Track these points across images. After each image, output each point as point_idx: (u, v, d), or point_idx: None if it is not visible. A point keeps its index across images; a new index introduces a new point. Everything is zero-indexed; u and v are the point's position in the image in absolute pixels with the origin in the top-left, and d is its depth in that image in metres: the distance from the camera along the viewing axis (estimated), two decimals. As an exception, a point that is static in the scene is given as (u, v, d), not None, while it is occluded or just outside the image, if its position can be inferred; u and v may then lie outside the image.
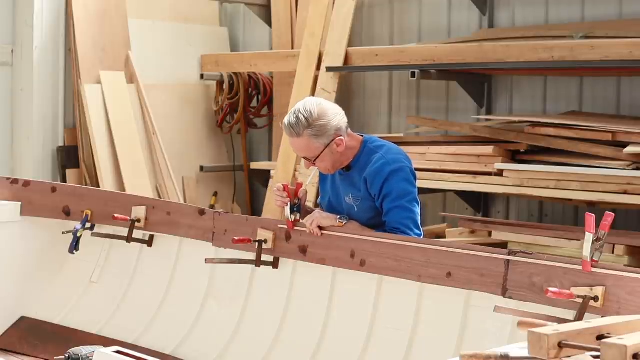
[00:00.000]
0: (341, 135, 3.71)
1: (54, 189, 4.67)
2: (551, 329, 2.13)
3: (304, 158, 3.79)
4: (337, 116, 3.72)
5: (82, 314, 4.52)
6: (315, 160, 3.73)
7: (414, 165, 3.86)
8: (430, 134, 6.31)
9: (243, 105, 7.26)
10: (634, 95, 5.57)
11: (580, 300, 2.97)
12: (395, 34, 6.71)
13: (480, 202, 6.23)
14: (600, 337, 2.18)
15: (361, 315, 3.70)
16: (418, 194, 3.79)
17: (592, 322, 2.28)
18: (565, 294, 2.98)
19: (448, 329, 3.44)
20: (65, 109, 6.85)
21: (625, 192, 4.85)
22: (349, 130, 3.79)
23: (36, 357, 4.38)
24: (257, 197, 7.46)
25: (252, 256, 3.98)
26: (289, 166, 6.39)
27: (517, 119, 5.57)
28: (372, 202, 3.76)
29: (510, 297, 3.23)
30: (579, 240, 4.77)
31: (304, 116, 3.65)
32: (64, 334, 4.44)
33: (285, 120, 3.70)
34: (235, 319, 4.08)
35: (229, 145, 7.56)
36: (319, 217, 3.80)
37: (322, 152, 3.69)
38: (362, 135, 3.88)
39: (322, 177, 4.04)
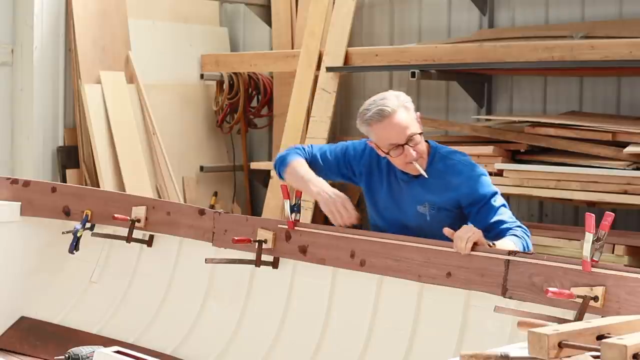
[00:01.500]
0: (418, 115, 3.59)
1: (54, 189, 4.67)
2: (551, 329, 2.13)
3: (409, 141, 3.50)
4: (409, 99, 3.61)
5: (82, 314, 4.52)
6: (419, 141, 3.49)
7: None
8: (430, 134, 6.30)
9: (243, 105, 7.26)
10: (634, 95, 5.57)
11: (580, 300, 2.98)
12: (395, 34, 6.71)
13: (480, 202, 6.22)
14: (600, 337, 2.18)
15: (361, 315, 3.70)
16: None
17: (592, 322, 2.28)
18: (565, 294, 2.99)
19: (448, 329, 3.44)
20: (65, 109, 6.85)
21: (625, 192, 4.84)
22: None
23: (36, 357, 4.38)
24: (257, 197, 7.45)
25: (252, 256, 3.99)
26: (289, 166, 6.39)
27: (517, 119, 5.56)
28: (449, 212, 3.60)
29: (510, 297, 3.23)
30: (579, 240, 4.77)
31: (385, 95, 3.54)
32: (64, 334, 4.44)
33: (368, 110, 3.53)
34: (235, 319, 4.08)
35: (229, 145, 7.55)
36: (477, 233, 3.33)
37: (419, 127, 3.52)
38: (428, 142, 3.69)
39: (367, 185, 3.83)
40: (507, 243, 3.38)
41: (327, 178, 3.91)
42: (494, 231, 3.49)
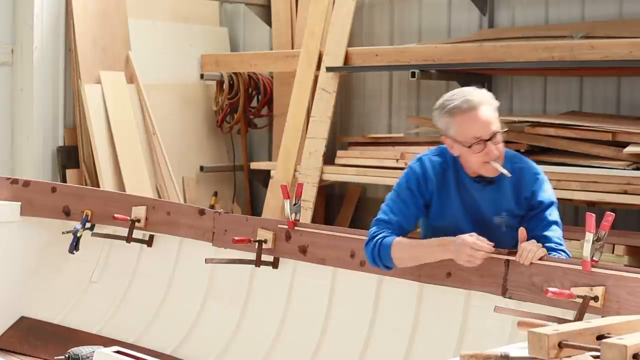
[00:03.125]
0: None
1: (54, 189, 4.67)
2: (551, 329, 2.13)
3: (493, 138, 3.29)
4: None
5: (82, 314, 4.52)
6: (499, 142, 3.30)
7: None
8: (430, 134, 6.30)
9: (243, 105, 7.26)
10: (634, 95, 5.57)
11: (580, 300, 2.98)
12: (395, 34, 6.70)
13: (480, 202, 6.22)
14: (600, 337, 2.18)
15: (361, 315, 3.70)
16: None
17: (592, 322, 2.28)
18: (565, 294, 2.99)
19: (448, 329, 3.44)
20: (65, 109, 6.85)
21: (625, 192, 4.84)
22: None
23: (36, 357, 4.38)
24: (257, 197, 7.45)
25: (252, 256, 3.99)
26: (289, 166, 6.39)
27: (517, 119, 5.56)
28: (521, 218, 3.39)
29: (510, 297, 3.23)
30: (579, 240, 4.77)
31: (472, 90, 3.37)
32: (64, 334, 4.44)
33: (451, 100, 3.32)
34: (235, 319, 4.08)
35: (229, 145, 7.55)
36: (543, 251, 3.20)
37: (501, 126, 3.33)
38: None
39: (439, 202, 3.44)
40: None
41: (415, 226, 3.53)
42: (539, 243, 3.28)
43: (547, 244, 3.27)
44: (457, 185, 3.42)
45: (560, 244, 3.32)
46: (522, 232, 3.23)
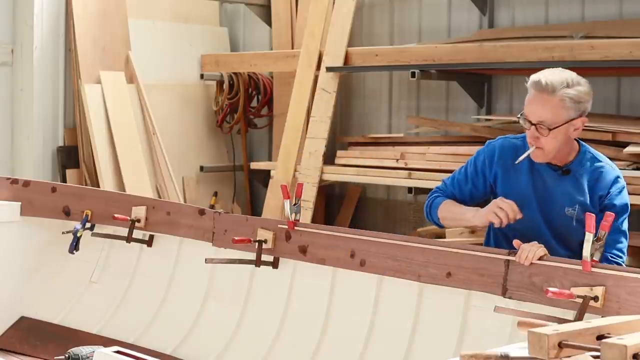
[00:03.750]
0: (586, 119, 3.34)
1: (54, 189, 4.67)
2: (551, 329, 2.13)
3: (536, 124, 3.26)
4: (591, 96, 3.35)
5: (82, 314, 4.52)
6: (547, 134, 3.24)
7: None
8: (430, 134, 6.30)
9: (243, 105, 7.26)
10: (634, 95, 5.57)
11: (580, 300, 2.98)
12: (395, 34, 6.71)
13: (480, 202, 6.22)
14: (600, 337, 2.18)
15: (361, 315, 3.70)
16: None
17: (592, 322, 2.28)
18: (565, 294, 2.99)
19: (448, 329, 3.44)
20: (65, 109, 6.85)
21: (625, 192, 4.84)
22: None
23: (36, 357, 4.38)
24: (257, 197, 7.45)
25: (252, 256, 3.98)
26: (289, 166, 6.40)
27: (517, 119, 5.56)
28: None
29: (510, 297, 3.23)
30: (579, 240, 4.77)
31: (568, 76, 3.28)
32: (64, 334, 4.44)
33: (538, 76, 3.28)
34: (235, 319, 4.08)
35: (229, 145, 7.56)
36: (543, 250, 3.20)
37: (562, 125, 3.24)
38: (578, 141, 3.44)
39: (504, 184, 3.45)
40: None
41: (473, 201, 3.59)
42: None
43: (606, 253, 3.20)
44: (530, 169, 3.40)
45: (620, 256, 3.27)
46: (516, 242, 3.23)
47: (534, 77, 3.29)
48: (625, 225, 3.34)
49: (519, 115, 3.34)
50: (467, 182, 3.55)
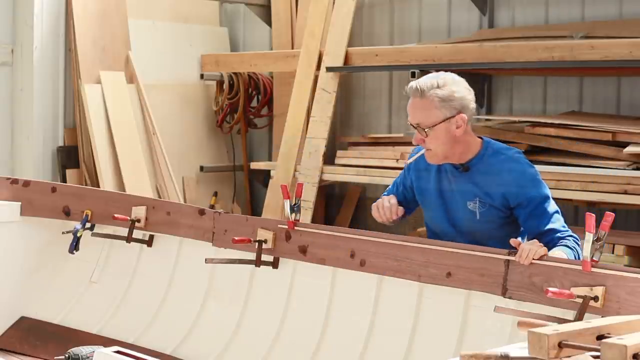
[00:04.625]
0: (464, 115, 3.39)
1: (54, 189, 4.67)
2: (551, 329, 2.13)
3: (417, 127, 3.43)
4: (468, 93, 3.42)
5: (82, 314, 4.52)
6: (427, 134, 3.39)
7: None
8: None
9: (243, 105, 7.27)
10: (634, 95, 5.57)
11: (580, 300, 2.98)
12: (395, 34, 6.71)
13: (480, 202, 6.22)
14: (600, 337, 2.18)
15: (361, 315, 3.70)
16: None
17: (592, 322, 2.28)
18: (565, 294, 2.98)
19: (448, 329, 3.44)
20: (65, 109, 6.85)
21: (625, 192, 4.85)
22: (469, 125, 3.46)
23: (36, 357, 4.38)
24: (257, 197, 7.46)
25: (252, 256, 3.98)
26: (289, 166, 6.40)
27: (517, 119, 5.57)
28: (499, 211, 3.44)
29: (510, 297, 3.23)
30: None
31: (436, 79, 3.37)
32: (64, 334, 4.44)
33: (413, 82, 3.43)
34: (235, 319, 4.08)
35: (229, 145, 7.56)
36: (543, 250, 3.21)
37: (438, 124, 3.36)
38: (481, 137, 3.56)
39: (419, 189, 3.67)
40: (558, 254, 3.24)
41: (409, 204, 3.76)
42: (545, 239, 3.33)
43: (554, 235, 3.33)
44: (437, 171, 3.59)
45: (567, 230, 3.38)
46: (513, 241, 3.25)
47: (410, 83, 3.45)
48: (554, 207, 3.42)
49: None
50: (400, 186, 3.80)
